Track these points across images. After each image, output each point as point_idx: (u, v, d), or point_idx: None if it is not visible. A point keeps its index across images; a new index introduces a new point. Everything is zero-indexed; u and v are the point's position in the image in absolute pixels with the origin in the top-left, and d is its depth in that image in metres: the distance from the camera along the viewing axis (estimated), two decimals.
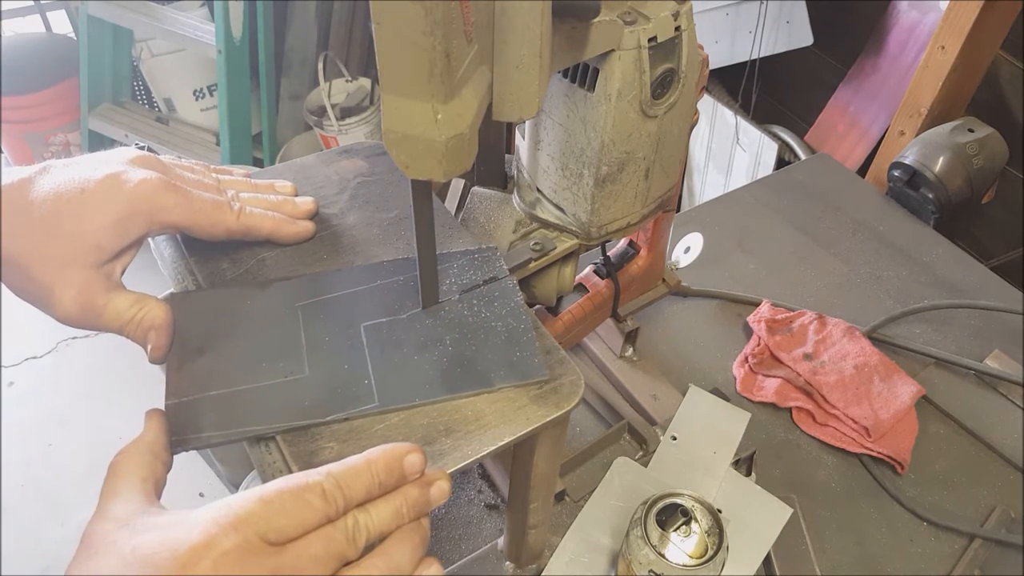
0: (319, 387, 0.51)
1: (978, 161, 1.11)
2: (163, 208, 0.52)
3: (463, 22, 0.42)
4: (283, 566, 0.38)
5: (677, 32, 0.58)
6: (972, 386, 0.96)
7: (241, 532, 0.38)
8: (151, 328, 0.52)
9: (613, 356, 0.94)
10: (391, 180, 0.66)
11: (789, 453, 0.88)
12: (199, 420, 0.49)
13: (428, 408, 0.50)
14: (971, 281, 1.09)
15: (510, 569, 0.73)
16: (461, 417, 0.50)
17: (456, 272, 0.58)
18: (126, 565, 0.37)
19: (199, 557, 0.37)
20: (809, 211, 1.19)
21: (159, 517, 0.40)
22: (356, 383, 0.51)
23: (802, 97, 1.80)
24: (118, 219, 0.50)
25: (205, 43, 2.08)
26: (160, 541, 0.38)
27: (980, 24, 1.12)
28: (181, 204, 0.52)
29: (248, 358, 0.52)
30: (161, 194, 0.51)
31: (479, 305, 0.56)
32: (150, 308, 0.52)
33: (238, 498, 0.39)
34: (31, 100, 2.35)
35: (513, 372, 0.51)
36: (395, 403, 0.50)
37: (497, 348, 0.53)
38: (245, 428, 0.48)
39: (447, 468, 0.47)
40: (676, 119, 0.64)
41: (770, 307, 1.00)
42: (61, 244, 0.49)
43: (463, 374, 0.51)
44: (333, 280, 0.57)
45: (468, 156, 0.47)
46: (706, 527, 0.63)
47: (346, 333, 0.53)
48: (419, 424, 0.49)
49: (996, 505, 0.83)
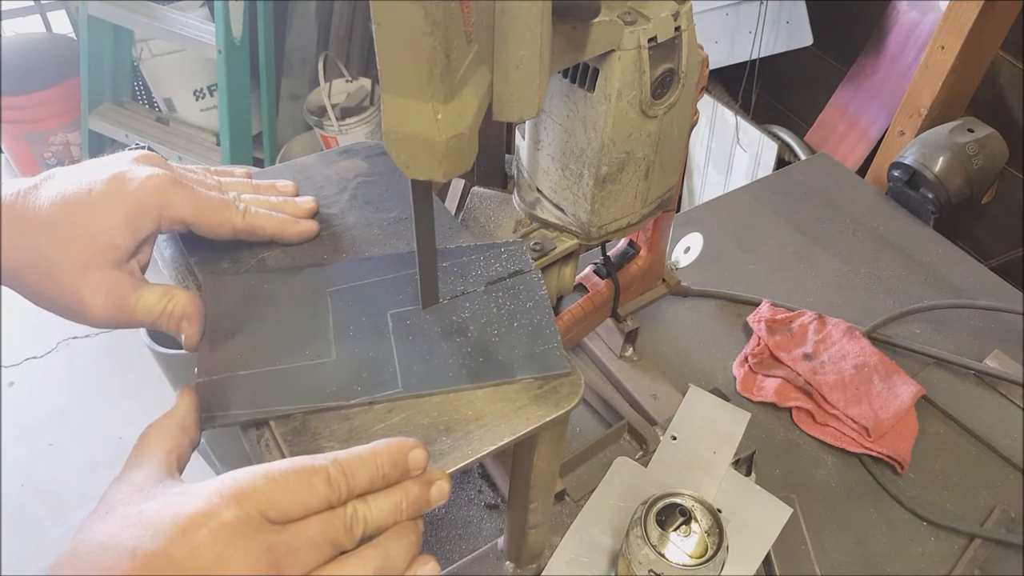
0: (345, 371, 0.52)
1: (978, 161, 1.11)
2: (171, 203, 0.52)
3: (463, 22, 0.42)
4: (279, 544, 0.39)
5: (677, 32, 0.58)
6: (972, 386, 0.96)
7: (242, 506, 0.38)
8: (182, 317, 0.53)
9: (613, 356, 0.94)
10: (391, 180, 0.66)
11: (789, 453, 0.88)
12: (228, 398, 0.50)
13: (429, 407, 0.50)
14: (971, 281, 1.09)
15: (510, 569, 0.73)
16: (461, 417, 0.50)
17: (483, 264, 0.59)
18: (130, 526, 0.38)
19: (198, 525, 0.37)
20: (809, 211, 1.19)
21: (173, 487, 0.41)
22: (382, 369, 0.52)
23: (802, 97, 1.80)
24: (129, 216, 0.50)
25: (205, 43, 2.08)
26: (165, 506, 0.39)
27: (980, 24, 1.12)
28: (188, 199, 0.53)
29: (278, 341, 0.53)
30: (168, 189, 0.52)
31: (504, 297, 0.56)
32: (178, 298, 0.53)
33: (245, 472, 0.40)
34: (31, 100, 2.36)
35: (535, 364, 0.52)
36: (418, 389, 0.51)
37: (520, 340, 0.53)
38: (271, 408, 0.49)
39: (447, 468, 0.47)
40: (676, 119, 0.64)
41: (770, 307, 1.00)
42: (79, 247, 0.49)
43: (485, 364, 0.52)
44: (361, 268, 0.58)
45: (468, 156, 0.47)
46: (706, 527, 0.63)
47: (373, 320, 0.54)
48: (420, 424, 0.49)
49: (996, 505, 0.83)
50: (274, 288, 0.57)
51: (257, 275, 0.57)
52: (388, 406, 0.50)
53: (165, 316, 0.52)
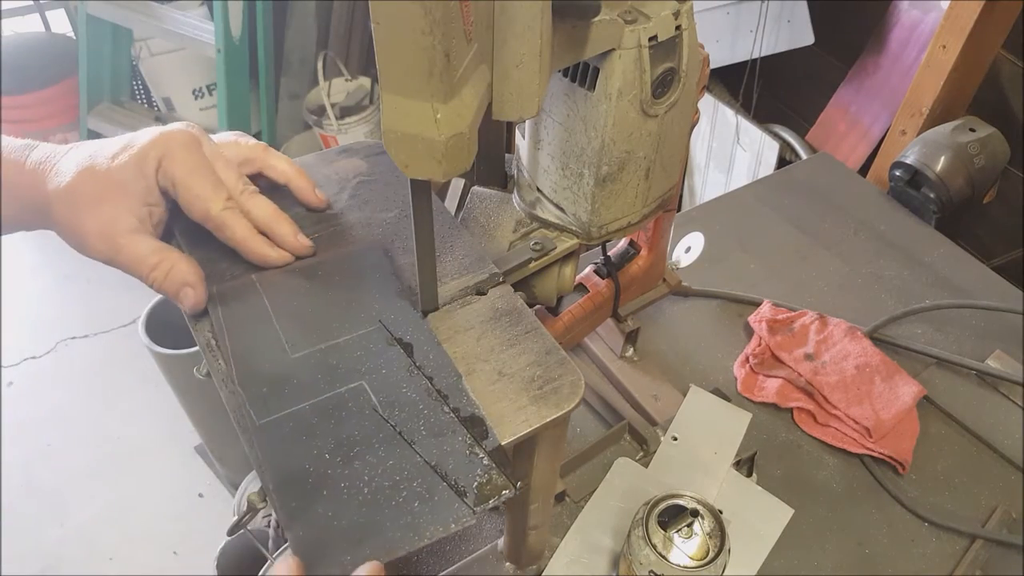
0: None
1: (979, 161, 1.11)
2: (172, 155, 0.55)
3: (463, 21, 0.42)
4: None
5: (678, 31, 0.58)
6: (973, 386, 0.95)
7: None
8: (185, 285, 0.54)
9: (614, 356, 0.93)
10: (391, 180, 0.66)
11: (790, 454, 0.88)
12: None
13: None
14: (972, 281, 1.08)
15: (510, 570, 0.73)
16: None
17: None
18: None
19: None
20: (810, 211, 1.19)
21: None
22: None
23: (803, 96, 1.80)
24: (139, 159, 0.54)
25: (204, 42, 2.08)
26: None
27: (981, 23, 1.11)
28: (187, 162, 0.55)
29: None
30: (176, 143, 0.55)
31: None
32: (176, 262, 0.54)
33: None
34: (30, 99, 2.35)
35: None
36: None
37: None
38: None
39: None
40: (677, 118, 0.64)
41: (771, 307, 1.00)
42: (95, 180, 0.54)
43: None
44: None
45: (468, 156, 0.47)
46: (708, 528, 0.63)
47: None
48: None
49: (997, 505, 0.83)
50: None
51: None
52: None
53: (158, 273, 0.54)
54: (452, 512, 0.46)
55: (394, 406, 0.50)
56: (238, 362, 0.52)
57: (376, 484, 0.46)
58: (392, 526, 0.45)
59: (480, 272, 0.59)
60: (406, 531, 0.45)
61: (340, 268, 0.59)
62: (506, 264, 0.65)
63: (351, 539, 0.44)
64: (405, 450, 0.48)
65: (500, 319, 0.56)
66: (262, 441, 0.48)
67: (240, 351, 0.53)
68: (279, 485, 0.46)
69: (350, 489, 0.46)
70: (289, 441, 0.48)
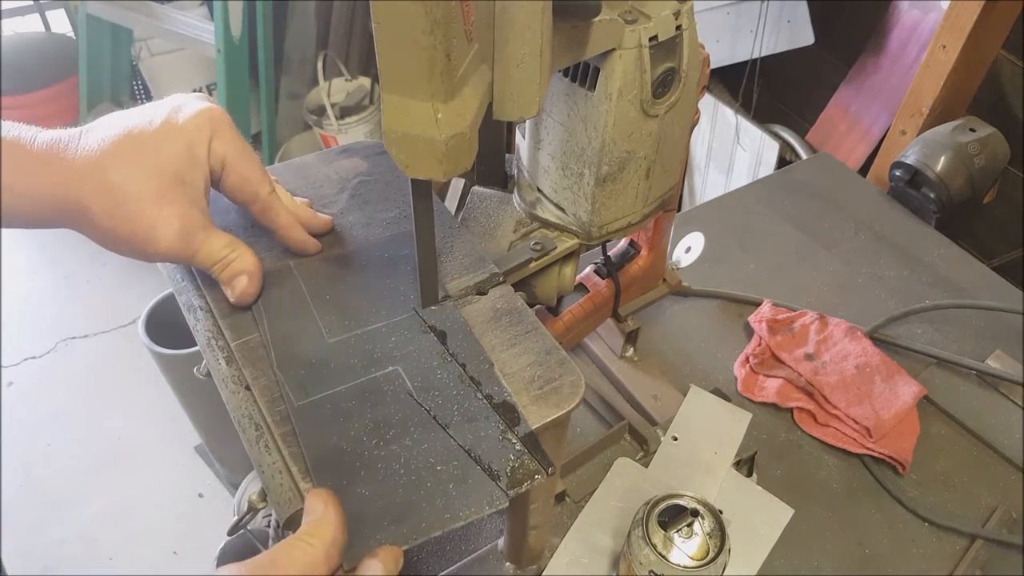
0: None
1: (979, 161, 1.11)
2: (220, 134, 0.52)
3: (463, 21, 0.42)
4: None
5: (678, 31, 0.58)
6: (974, 386, 0.95)
7: None
8: (242, 273, 0.53)
9: (614, 356, 0.93)
10: (391, 180, 0.66)
11: (790, 454, 0.88)
12: None
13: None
14: (972, 281, 1.08)
15: (510, 570, 0.73)
16: None
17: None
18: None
19: None
20: (810, 211, 1.19)
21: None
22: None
23: (803, 96, 1.80)
24: (187, 145, 0.50)
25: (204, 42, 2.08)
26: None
27: (981, 23, 1.11)
28: (236, 140, 0.53)
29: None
30: (222, 122, 0.53)
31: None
32: (242, 253, 0.53)
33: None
34: (30, 99, 2.35)
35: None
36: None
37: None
38: None
39: None
40: (677, 118, 0.64)
41: (771, 307, 1.00)
42: (148, 177, 0.49)
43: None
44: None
45: (468, 156, 0.47)
46: (708, 528, 0.63)
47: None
48: None
49: (998, 506, 0.83)
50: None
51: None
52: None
53: (222, 264, 0.53)
54: (486, 494, 0.46)
55: (428, 391, 0.51)
56: (276, 345, 0.52)
57: (412, 466, 0.47)
58: (428, 507, 0.45)
59: (480, 272, 0.59)
60: (442, 512, 0.45)
61: (374, 257, 0.59)
62: (506, 264, 0.65)
63: (389, 518, 0.45)
64: (439, 434, 0.48)
65: (500, 319, 0.56)
66: (300, 422, 0.48)
67: (278, 335, 0.53)
68: (317, 465, 0.46)
69: (386, 470, 0.47)
70: (327, 422, 0.49)
